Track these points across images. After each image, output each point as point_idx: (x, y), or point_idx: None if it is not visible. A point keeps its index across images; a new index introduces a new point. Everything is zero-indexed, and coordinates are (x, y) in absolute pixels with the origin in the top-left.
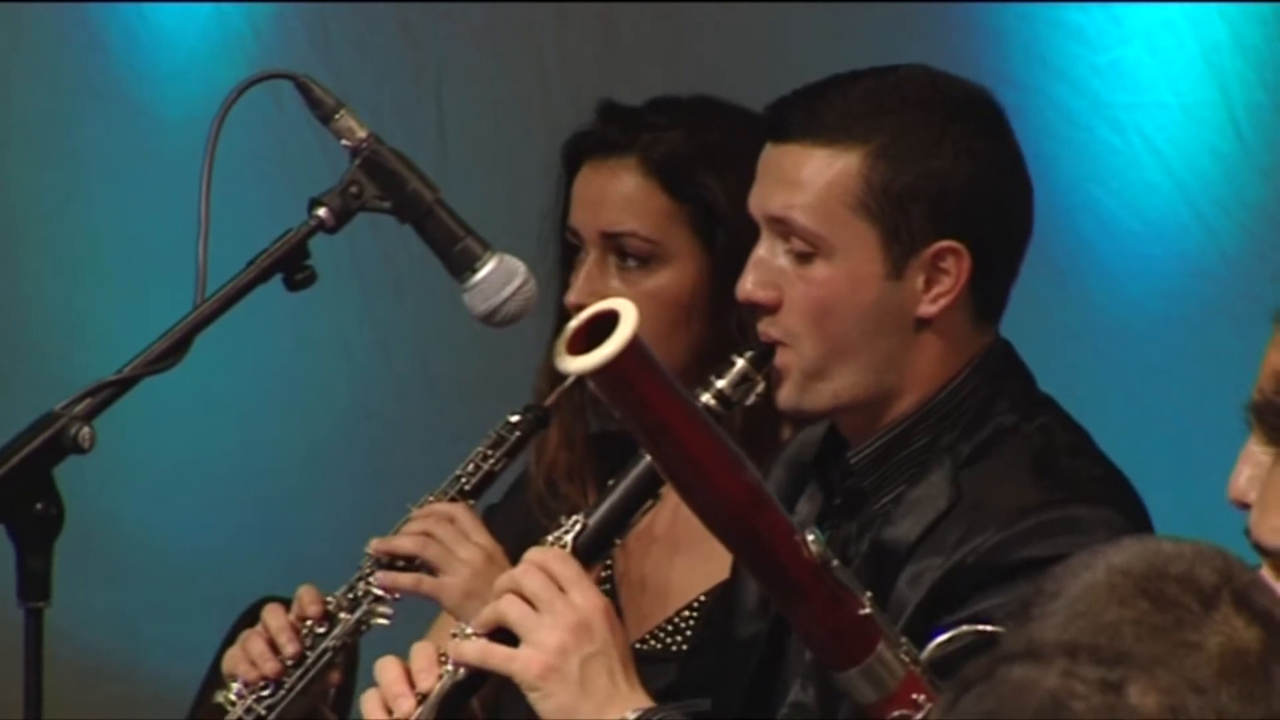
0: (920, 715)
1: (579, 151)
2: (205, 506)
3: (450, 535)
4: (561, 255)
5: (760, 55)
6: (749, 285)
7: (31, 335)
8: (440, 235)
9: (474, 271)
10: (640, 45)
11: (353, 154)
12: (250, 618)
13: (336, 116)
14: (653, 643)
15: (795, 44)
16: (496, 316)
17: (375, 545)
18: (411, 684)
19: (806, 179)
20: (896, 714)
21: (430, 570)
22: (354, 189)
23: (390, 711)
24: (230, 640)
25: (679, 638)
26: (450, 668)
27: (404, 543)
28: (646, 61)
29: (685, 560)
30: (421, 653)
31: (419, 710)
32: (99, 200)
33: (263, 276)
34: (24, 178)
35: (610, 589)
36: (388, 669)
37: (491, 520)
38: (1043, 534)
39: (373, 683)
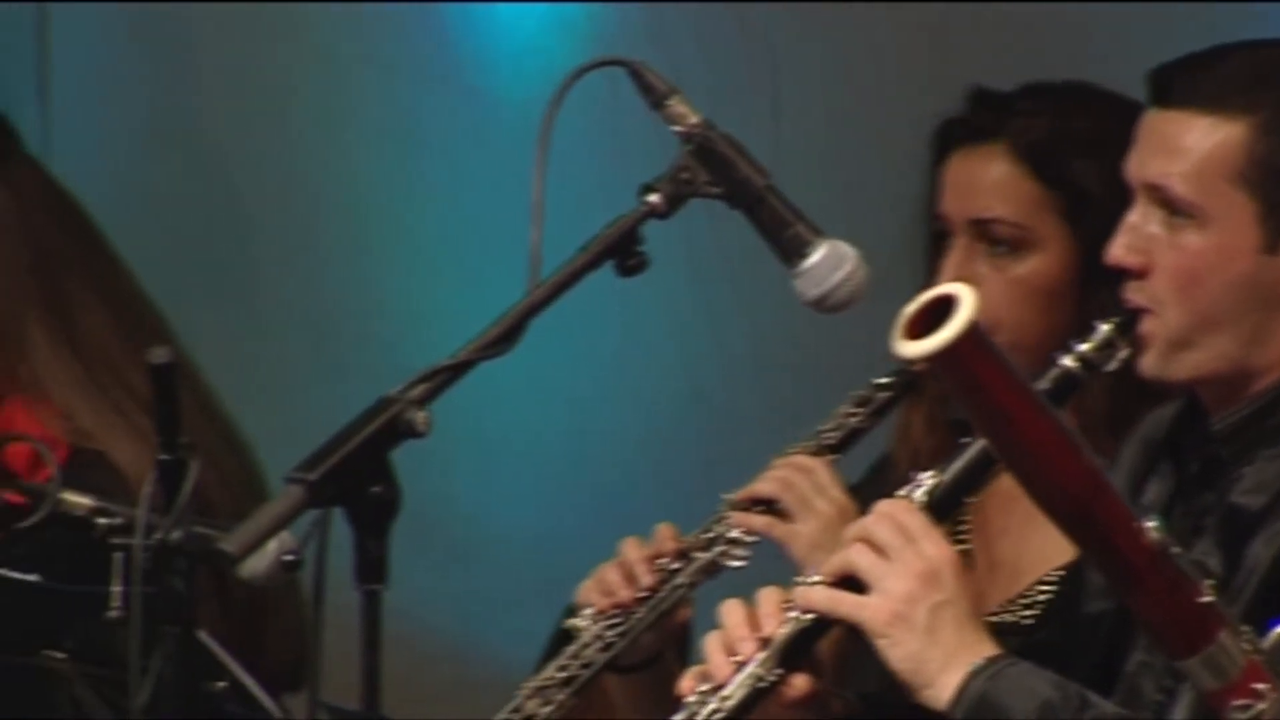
0: (1264, 705)
1: (948, 138)
2: (539, 491)
3: (808, 485)
4: (930, 242)
5: (1095, 53)
6: (1119, 250)
7: (374, 321)
8: (771, 221)
9: (804, 257)
10: (974, 35)
11: (684, 139)
12: (561, 636)
13: (668, 102)
14: (1006, 615)
15: (1128, 41)
16: (827, 302)
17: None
18: (755, 627)
19: (1187, 147)
20: (1238, 703)
21: (784, 517)
22: (685, 174)
23: (733, 654)
24: (556, 638)
25: (1030, 611)
26: (796, 614)
27: (764, 485)
28: (979, 52)
29: (1043, 534)
30: (768, 597)
31: (762, 654)
32: (438, 186)
33: (595, 262)
34: (367, 165)
35: (965, 560)
36: (732, 612)
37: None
38: None
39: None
